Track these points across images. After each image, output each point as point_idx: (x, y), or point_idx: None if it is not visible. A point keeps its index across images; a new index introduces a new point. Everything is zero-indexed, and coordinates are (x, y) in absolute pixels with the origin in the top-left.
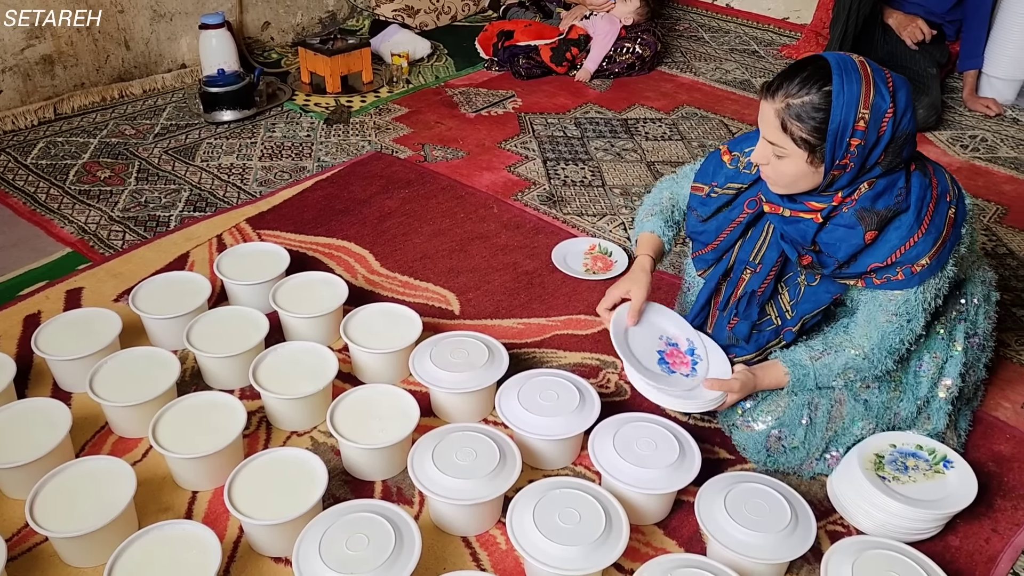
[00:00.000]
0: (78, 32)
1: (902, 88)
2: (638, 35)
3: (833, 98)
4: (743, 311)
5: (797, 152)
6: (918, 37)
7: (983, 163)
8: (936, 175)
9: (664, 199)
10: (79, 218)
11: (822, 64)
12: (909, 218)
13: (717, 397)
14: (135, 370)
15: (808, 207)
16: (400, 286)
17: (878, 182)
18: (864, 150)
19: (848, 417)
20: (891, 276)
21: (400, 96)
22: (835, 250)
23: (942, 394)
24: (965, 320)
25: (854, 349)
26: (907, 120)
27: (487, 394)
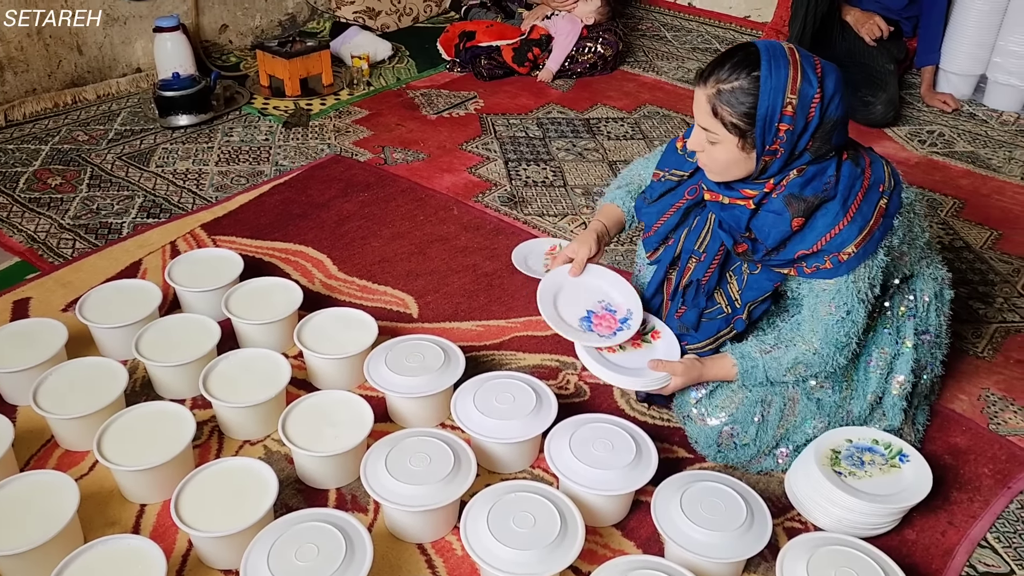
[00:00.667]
0: (28, 37)
1: (831, 74)
2: (600, 35)
3: (761, 83)
4: (690, 300)
5: (728, 137)
6: (876, 34)
7: (940, 158)
8: (873, 166)
9: (635, 176)
10: (28, 227)
11: (752, 50)
12: (835, 206)
13: (659, 377)
14: (81, 381)
15: (743, 194)
16: (358, 290)
17: (807, 169)
18: (793, 135)
19: (800, 416)
20: (819, 265)
21: (361, 99)
22: (764, 236)
23: (895, 390)
24: (915, 317)
25: (804, 344)
26: (835, 106)
27: (443, 398)
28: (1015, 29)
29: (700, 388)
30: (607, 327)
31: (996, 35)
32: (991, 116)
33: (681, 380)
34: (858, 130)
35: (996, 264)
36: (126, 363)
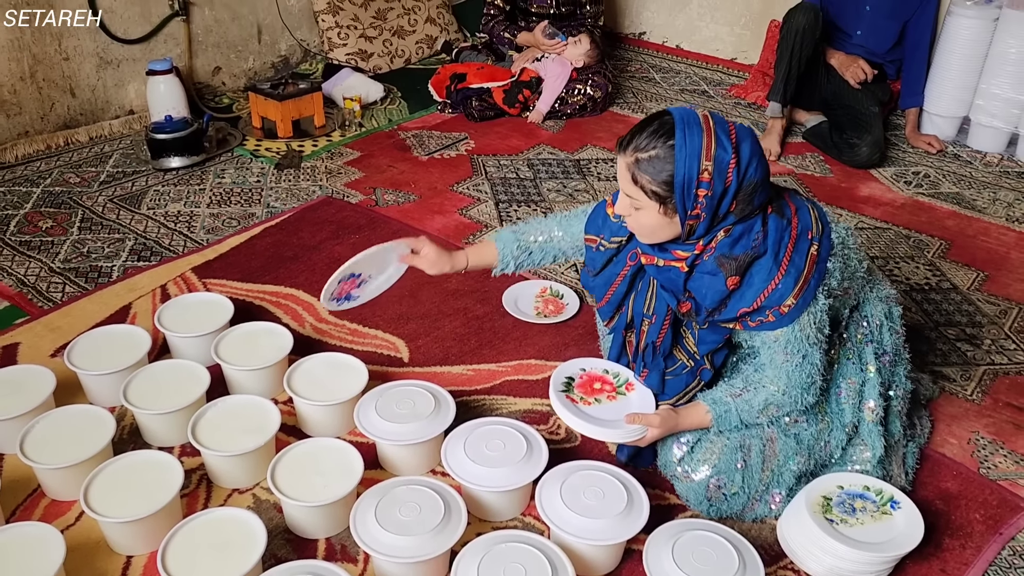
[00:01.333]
0: (21, 80)
1: (746, 139)
2: (589, 77)
3: (676, 151)
4: (650, 362)
5: (650, 204)
6: (860, 77)
7: (926, 199)
8: (799, 214)
9: (542, 231)
10: (18, 270)
11: (667, 119)
12: (768, 262)
13: (636, 429)
14: (69, 429)
15: (675, 256)
16: (348, 334)
17: (734, 229)
18: (712, 200)
19: (782, 454)
20: (763, 319)
21: (352, 140)
22: (702, 297)
23: (868, 417)
24: (872, 341)
25: (772, 385)
26: (753, 169)
27: (433, 445)
28: (997, 72)
29: (681, 446)
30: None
31: (978, 78)
32: (975, 157)
33: (658, 431)
34: (844, 171)
35: (983, 306)
36: (114, 410)
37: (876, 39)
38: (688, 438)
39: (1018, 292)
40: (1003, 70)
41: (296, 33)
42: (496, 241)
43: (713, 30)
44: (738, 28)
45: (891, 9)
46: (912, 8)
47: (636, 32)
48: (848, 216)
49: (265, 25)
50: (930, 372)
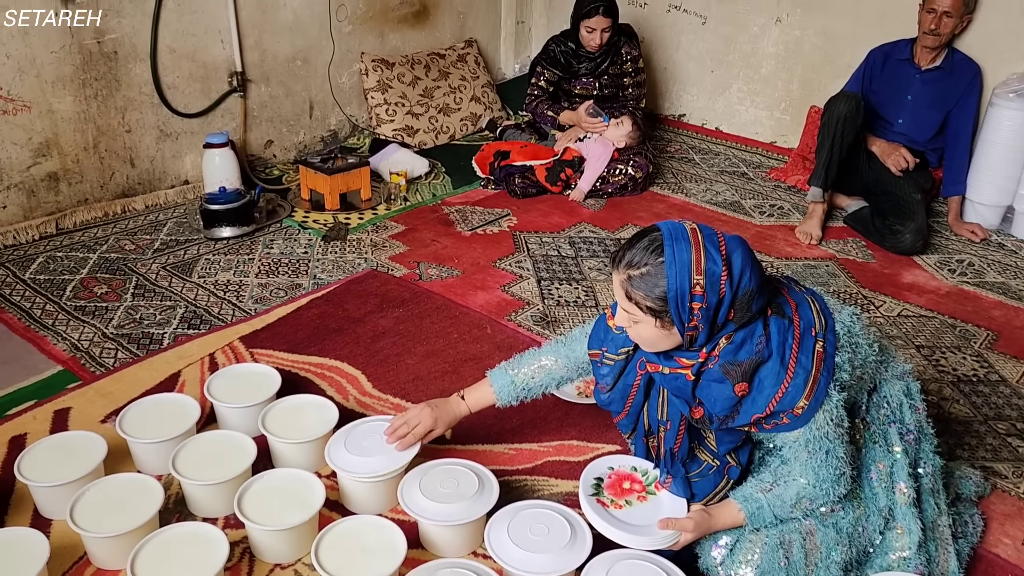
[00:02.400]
0: (84, 150)
1: (736, 250)
2: (630, 157)
3: (666, 268)
4: (671, 469)
5: (646, 318)
6: (902, 165)
7: (971, 288)
8: (799, 310)
9: (538, 365)
10: (73, 335)
11: (656, 235)
12: (774, 365)
13: (670, 535)
14: (117, 498)
15: (680, 363)
16: (392, 408)
17: (736, 335)
18: (708, 311)
19: (824, 546)
20: (777, 422)
21: (397, 214)
22: (712, 405)
23: (901, 499)
24: (894, 422)
25: (802, 478)
26: (747, 280)
27: (476, 527)
28: None
29: (720, 549)
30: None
31: (1022, 168)
32: (1020, 247)
33: (691, 535)
34: (887, 257)
35: None
36: (161, 478)
37: (918, 128)
38: (727, 539)
39: None
40: None
41: (346, 109)
42: (492, 383)
43: (753, 114)
44: (778, 112)
45: (933, 99)
46: (954, 99)
47: (676, 114)
48: (892, 303)
49: (317, 101)
50: (981, 468)
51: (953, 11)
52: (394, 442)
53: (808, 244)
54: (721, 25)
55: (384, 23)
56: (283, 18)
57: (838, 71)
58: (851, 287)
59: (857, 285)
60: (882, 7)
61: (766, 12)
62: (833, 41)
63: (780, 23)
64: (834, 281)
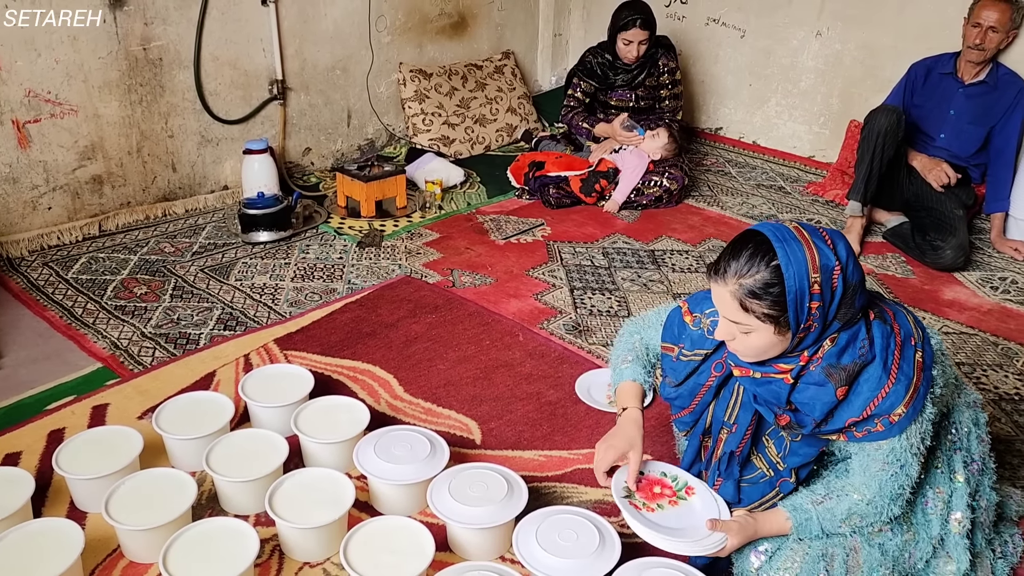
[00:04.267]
0: (128, 155)
1: (839, 241)
2: (666, 169)
3: (783, 270)
4: (724, 471)
5: (763, 327)
6: (943, 180)
7: (1014, 306)
8: (897, 319)
9: (636, 343)
10: (112, 333)
11: (761, 239)
12: (876, 369)
13: (717, 540)
14: (152, 492)
15: (777, 369)
16: (423, 412)
17: (840, 337)
18: (824, 310)
19: (866, 566)
20: (871, 428)
21: (432, 221)
22: (811, 409)
23: (955, 529)
24: (960, 449)
25: (856, 494)
26: (851, 270)
27: (505, 531)
28: None
29: (759, 555)
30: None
31: None
32: None
33: (737, 540)
34: (927, 273)
35: None
36: (195, 474)
37: (960, 143)
38: (767, 546)
39: None
40: None
41: (383, 118)
42: (635, 380)
43: (791, 128)
44: (816, 127)
45: (976, 115)
46: (998, 115)
47: (713, 127)
48: (932, 319)
49: (355, 110)
50: (1022, 488)
51: (999, 26)
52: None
53: None
54: (760, 38)
55: (422, 34)
56: (323, 28)
57: (879, 85)
58: None
59: (896, 301)
60: (924, 21)
61: (806, 25)
62: (874, 55)
63: (820, 36)
64: None
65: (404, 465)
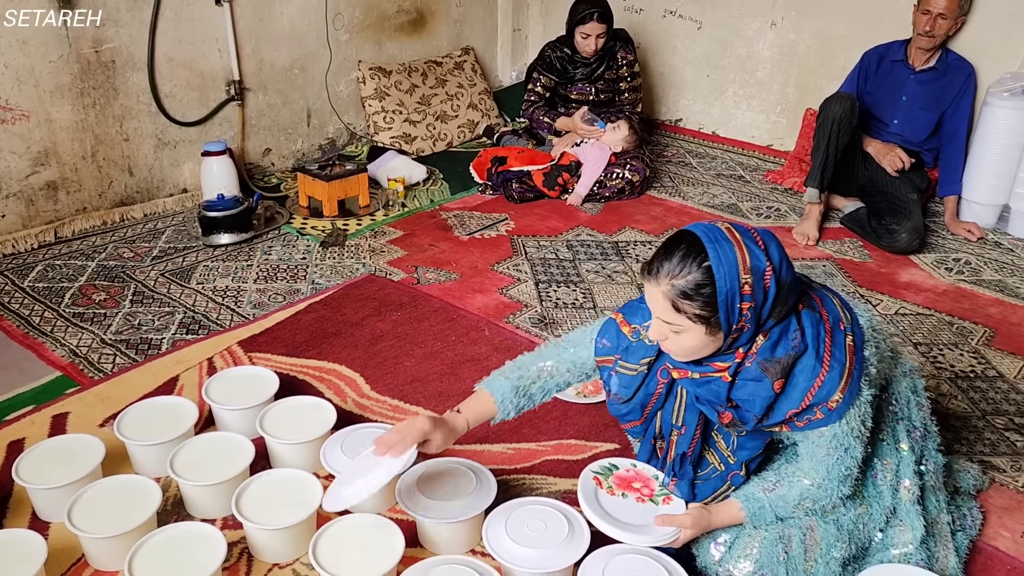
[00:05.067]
0: (83, 159)
1: (771, 242)
2: (627, 161)
3: (714, 271)
4: (679, 471)
5: (694, 327)
6: (897, 165)
7: (968, 286)
8: (825, 305)
9: (537, 368)
10: (71, 341)
11: (694, 239)
12: (810, 359)
13: (669, 533)
14: (115, 499)
15: (714, 368)
16: (390, 410)
17: (772, 331)
18: (756, 310)
19: (823, 542)
20: (811, 417)
21: (395, 219)
22: (751, 405)
23: (905, 496)
24: (902, 419)
25: (807, 479)
26: (785, 270)
27: (474, 524)
28: None
29: (719, 547)
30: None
31: (1017, 166)
32: (1017, 245)
33: (690, 532)
34: (884, 256)
35: None
36: (159, 480)
37: (913, 128)
38: (725, 537)
39: None
40: None
41: (343, 117)
42: (492, 393)
43: (749, 118)
44: (774, 116)
45: (927, 100)
46: (948, 100)
47: (673, 119)
48: (889, 301)
49: (314, 109)
50: (979, 462)
51: (948, 13)
52: (383, 453)
53: (805, 245)
54: (716, 30)
55: (381, 31)
56: (280, 27)
57: (833, 73)
58: (848, 287)
59: (854, 284)
60: (876, 9)
61: (761, 16)
62: (828, 44)
63: (775, 27)
64: (831, 281)
65: None
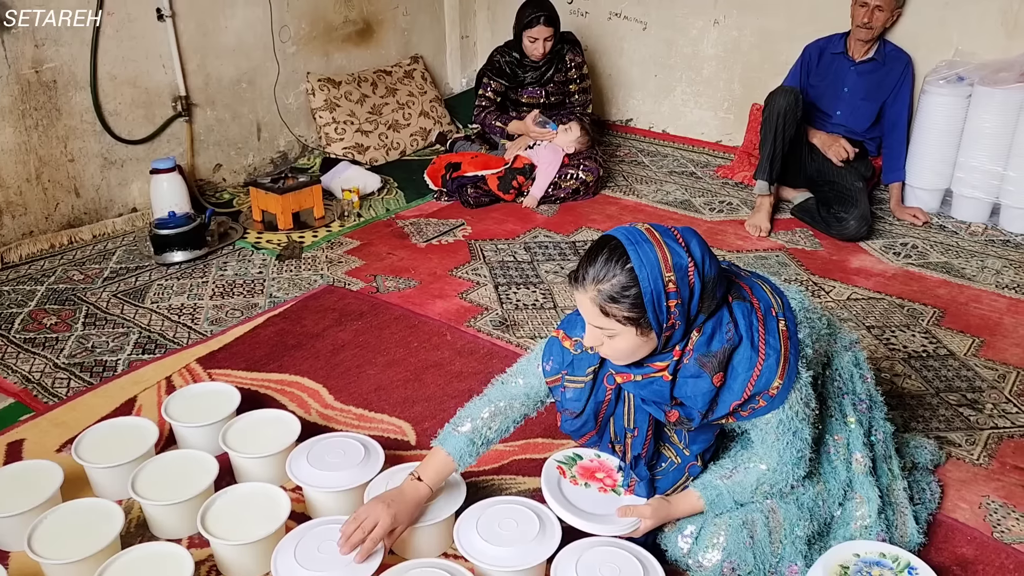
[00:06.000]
0: (27, 182)
1: (692, 239)
2: (581, 162)
3: (637, 272)
4: (636, 472)
5: (625, 330)
6: (842, 156)
7: (916, 269)
8: (755, 293)
9: (489, 413)
10: (23, 367)
11: (615, 243)
12: (746, 350)
13: (629, 523)
14: (76, 524)
15: (654, 368)
16: (355, 419)
17: (705, 326)
18: (683, 307)
19: (787, 523)
20: (754, 407)
21: (352, 230)
22: (693, 401)
23: (858, 469)
24: (847, 393)
25: (762, 464)
26: (708, 265)
27: (445, 527)
28: (973, 146)
29: (686, 539)
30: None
31: (956, 152)
32: (960, 228)
33: (651, 522)
34: (834, 244)
35: (981, 371)
36: (122, 503)
37: (855, 119)
38: (691, 528)
39: (1015, 356)
40: (980, 143)
41: (294, 129)
42: (450, 451)
43: (697, 115)
44: (721, 112)
45: (868, 91)
46: (888, 89)
47: (623, 119)
48: (841, 287)
49: (264, 123)
50: (935, 438)
51: (884, 5)
52: (349, 552)
53: (758, 236)
54: (662, 30)
55: (328, 43)
56: (225, 41)
57: (776, 68)
58: (801, 275)
59: (807, 273)
60: (813, 4)
61: (704, 15)
62: (769, 40)
63: (718, 25)
64: (784, 270)
65: (339, 472)
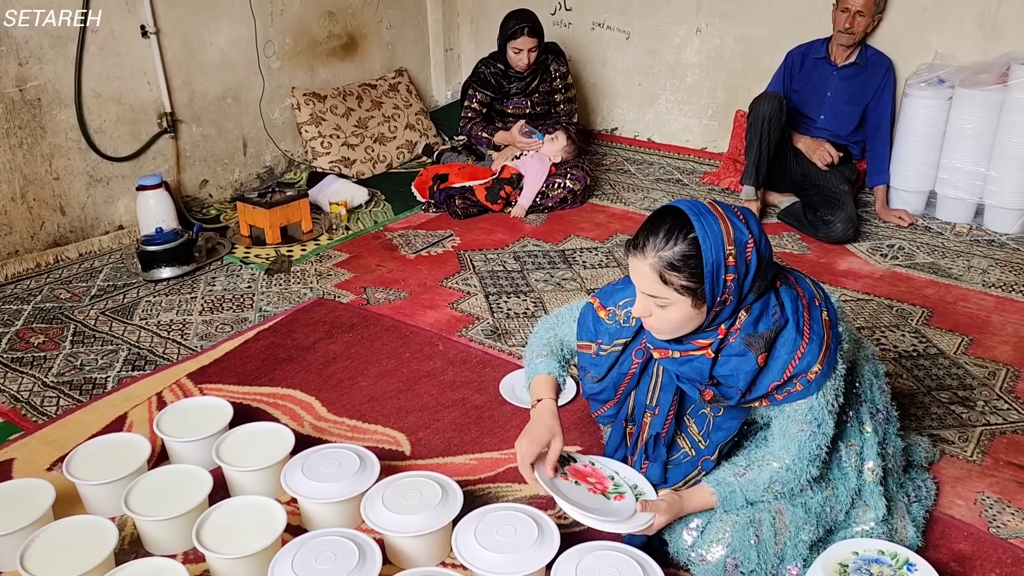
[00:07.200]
0: (12, 201)
1: (751, 217)
2: (568, 171)
3: (700, 242)
4: (652, 453)
5: (680, 299)
6: (827, 159)
7: (903, 270)
8: (799, 284)
9: (551, 338)
10: (11, 387)
11: (679, 213)
12: (791, 332)
13: (645, 518)
14: (69, 542)
15: (696, 345)
16: (348, 430)
17: (753, 307)
18: (739, 282)
19: (792, 526)
20: (791, 389)
21: (340, 243)
22: (735, 380)
23: (869, 477)
24: (865, 401)
25: (776, 462)
26: (765, 244)
27: (443, 535)
28: (956, 147)
29: (691, 532)
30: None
31: (939, 154)
32: (945, 228)
33: (665, 518)
34: (821, 247)
35: (971, 369)
36: (115, 520)
37: (839, 123)
38: (697, 522)
39: (1003, 354)
40: (962, 145)
41: (280, 144)
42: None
43: (682, 123)
44: (706, 119)
45: (851, 95)
46: (870, 93)
47: (608, 128)
48: (830, 289)
49: (250, 138)
50: (928, 435)
51: (865, 10)
52: (552, 474)
53: None
54: (644, 39)
55: (313, 57)
56: (210, 57)
57: (759, 75)
58: None
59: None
60: (794, 10)
61: (686, 24)
62: (752, 46)
63: (700, 33)
64: None
65: (334, 483)
